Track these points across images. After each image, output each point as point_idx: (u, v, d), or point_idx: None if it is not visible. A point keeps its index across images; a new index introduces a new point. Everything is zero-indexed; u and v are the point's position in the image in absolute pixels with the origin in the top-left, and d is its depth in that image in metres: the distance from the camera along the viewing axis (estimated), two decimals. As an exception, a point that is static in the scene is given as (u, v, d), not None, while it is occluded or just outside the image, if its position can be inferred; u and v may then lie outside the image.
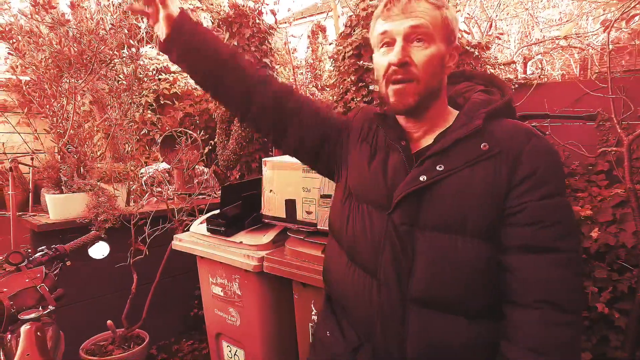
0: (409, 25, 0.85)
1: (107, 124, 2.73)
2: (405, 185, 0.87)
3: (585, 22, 3.46)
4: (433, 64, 0.86)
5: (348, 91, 2.60)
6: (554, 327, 0.77)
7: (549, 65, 3.34)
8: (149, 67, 3.80)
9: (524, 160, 0.82)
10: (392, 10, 0.87)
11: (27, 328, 1.14)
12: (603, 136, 2.07)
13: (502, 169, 0.82)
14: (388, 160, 0.95)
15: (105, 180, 2.62)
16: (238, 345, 2.02)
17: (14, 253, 1.37)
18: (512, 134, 0.85)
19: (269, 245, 1.83)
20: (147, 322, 2.50)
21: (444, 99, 0.95)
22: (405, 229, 0.87)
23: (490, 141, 0.84)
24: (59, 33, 2.07)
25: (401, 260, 0.87)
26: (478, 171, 0.83)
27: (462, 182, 0.84)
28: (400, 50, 0.85)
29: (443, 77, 0.92)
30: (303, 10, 7.17)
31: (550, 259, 0.79)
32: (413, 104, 0.88)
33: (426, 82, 0.87)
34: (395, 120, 0.99)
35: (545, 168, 0.82)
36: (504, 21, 3.96)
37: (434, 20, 0.85)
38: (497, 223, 0.83)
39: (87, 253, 1.72)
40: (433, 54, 0.86)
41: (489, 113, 0.87)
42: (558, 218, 0.80)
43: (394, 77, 0.87)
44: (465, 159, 0.84)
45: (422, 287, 0.85)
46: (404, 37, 0.85)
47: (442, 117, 0.94)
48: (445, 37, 0.88)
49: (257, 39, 3.13)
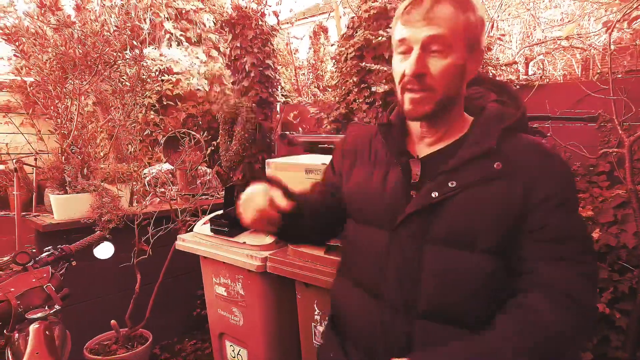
0: (428, 35, 0.81)
1: (111, 124, 2.75)
2: (418, 200, 0.87)
3: (587, 22, 3.46)
4: (451, 74, 0.84)
5: (350, 92, 2.61)
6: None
7: (550, 65, 3.34)
8: (152, 68, 3.82)
9: (542, 181, 0.82)
10: (412, 14, 0.83)
11: (36, 327, 1.16)
12: (604, 137, 2.08)
13: (516, 188, 0.82)
14: (388, 176, 0.95)
15: (108, 181, 2.65)
16: (241, 345, 2.03)
17: (21, 253, 1.39)
18: (526, 153, 0.85)
19: (272, 245, 1.84)
20: (151, 322, 2.51)
21: (461, 105, 0.94)
22: (413, 242, 0.87)
23: (503, 160, 0.84)
24: (63, 35, 2.09)
25: (406, 274, 0.87)
26: (490, 189, 0.83)
27: (473, 200, 0.83)
28: (415, 61, 0.82)
29: (463, 85, 0.90)
30: (305, 10, 7.19)
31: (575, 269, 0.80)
32: (429, 111, 0.86)
33: (443, 92, 0.85)
34: (400, 133, 0.98)
35: (566, 186, 0.84)
36: (505, 21, 3.97)
37: (455, 28, 0.81)
38: (508, 239, 0.83)
39: (91, 253, 1.74)
40: (451, 64, 0.83)
41: (503, 131, 0.87)
42: (579, 235, 0.83)
43: (409, 87, 0.86)
44: (477, 176, 0.84)
45: (429, 300, 0.85)
46: (421, 47, 0.82)
47: (458, 124, 0.93)
48: (468, 44, 0.84)
49: (260, 40, 3.14)
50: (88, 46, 2.16)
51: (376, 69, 2.40)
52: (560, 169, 0.84)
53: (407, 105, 0.87)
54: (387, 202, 0.92)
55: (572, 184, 0.87)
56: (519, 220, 0.82)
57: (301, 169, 1.70)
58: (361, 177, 1.01)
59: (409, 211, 0.87)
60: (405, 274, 0.88)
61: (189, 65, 4.20)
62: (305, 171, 1.69)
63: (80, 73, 2.27)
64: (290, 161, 1.78)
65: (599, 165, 2.06)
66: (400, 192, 0.91)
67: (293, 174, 1.74)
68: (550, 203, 0.81)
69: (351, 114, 2.66)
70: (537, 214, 0.81)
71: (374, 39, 2.43)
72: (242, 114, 3.03)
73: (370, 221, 0.96)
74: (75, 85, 2.32)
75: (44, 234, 2.36)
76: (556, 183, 0.82)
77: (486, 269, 0.83)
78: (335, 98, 2.75)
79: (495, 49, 3.04)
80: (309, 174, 1.68)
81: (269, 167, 1.82)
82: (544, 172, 0.83)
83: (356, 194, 1.01)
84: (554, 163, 0.84)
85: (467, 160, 0.85)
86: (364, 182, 0.99)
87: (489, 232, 0.82)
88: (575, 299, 0.77)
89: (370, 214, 0.96)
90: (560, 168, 0.84)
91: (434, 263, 0.85)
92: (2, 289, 1.28)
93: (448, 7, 0.81)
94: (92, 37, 2.15)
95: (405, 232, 0.88)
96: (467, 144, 0.88)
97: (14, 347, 1.22)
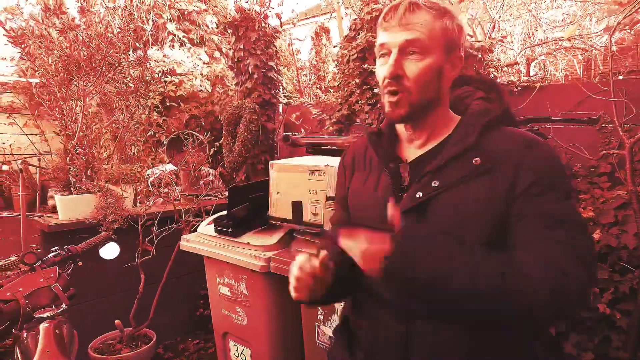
0: (404, 39, 0.86)
1: (115, 126, 2.78)
2: (405, 201, 0.90)
3: (589, 22, 3.47)
4: (427, 76, 0.87)
5: (352, 94, 2.63)
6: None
7: (552, 66, 3.35)
8: (155, 69, 3.84)
9: (526, 170, 0.82)
10: (390, 21, 0.88)
11: (46, 326, 1.18)
12: (605, 138, 2.09)
13: (498, 182, 0.83)
14: (379, 182, 0.98)
15: (112, 182, 2.67)
16: (245, 344, 2.05)
17: (28, 253, 1.41)
18: (508, 145, 0.86)
19: (275, 246, 1.86)
20: (154, 322, 2.53)
21: (445, 106, 0.96)
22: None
23: (483, 156, 0.85)
24: (69, 37, 2.11)
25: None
26: (473, 186, 0.84)
27: (457, 197, 0.85)
28: (392, 63, 0.87)
29: (441, 86, 0.92)
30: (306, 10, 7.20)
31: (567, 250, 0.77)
32: (404, 114, 0.90)
33: (418, 93, 0.88)
34: (390, 140, 1.01)
35: (549, 174, 0.83)
36: (507, 22, 3.97)
37: (431, 32, 0.86)
38: (497, 232, 0.83)
39: (95, 253, 1.76)
40: (427, 65, 0.86)
41: (484, 126, 0.88)
42: (570, 218, 0.81)
43: (388, 89, 0.89)
44: (458, 175, 0.86)
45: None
46: (398, 50, 0.87)
47: (443, 124, 0.95)
48: (445, 47, 0.88)
49: (263, 42, 3.16)
50: (92, 48, 2.18)
51: (378, 70, 2.42)
52: (544, 155, 0.84)
53: (387, 107, 0.91)
54: (379, 207, 0.94)
55: (557, 169, 0.85)
56: (506, 212, 0.83)
57: (305, 170, 1.72)
58: (358, 184, 1.05)
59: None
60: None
61: (191, 67, 4.22)
62: (309, 172, 1.71)
63: (84, 75, 2.29)
64: (293, 162, 1.79)
65: (600, 167, 2.07)
66: (390, 197, 0.92)
67: (297, 175, 1.76)
68: (535, 189, 0.81)
69: (353, 115, 2.67)
70: (523, 201, 0.82)
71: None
72: (245, 116, 3.05)
73: (366, 226, 0.99)
74: (80, 86, 2.34)
75: (49, 234, 2.38)
76: (539, 169, 0.82)
77: None
78: (337, 99, 2.77)
79: (497, 50, 3.05)
80: (312, 175, 1.70)
81: (273, 169, 1.84)
82: (525, 160, 0.83)
83: (354, 200, 1.05)
84: (536, 150, 0.84)
85: (448, 159, 0.87)
86: (360, 188, 1.03)
87: (476, 228, 0.84)
88: (564, 272, 0.74)
89: (366, 219, 0.99)
90: (543, 154, 0.84)
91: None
92: (11, 289, 1.30)
93: (424, 14, 0.86)
94: (97, 39, 2.17)
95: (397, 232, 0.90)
96: (449, 143, 0.91)
97: (23, 345, 1.24)
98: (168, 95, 3.86)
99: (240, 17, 3.09)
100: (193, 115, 3.86)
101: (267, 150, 3.33)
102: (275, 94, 3.34)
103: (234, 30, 3.16)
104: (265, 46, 3.19)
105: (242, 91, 3.27)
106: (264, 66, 3.20)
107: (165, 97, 3.86)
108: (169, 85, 3.87)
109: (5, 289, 1.30)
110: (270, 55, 3.23)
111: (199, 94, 4.01)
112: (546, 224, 0.80)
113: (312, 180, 1.70)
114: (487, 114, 0.92)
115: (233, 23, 3.12)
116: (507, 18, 3.97)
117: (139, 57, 2.47)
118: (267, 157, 3.30)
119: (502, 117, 0.92)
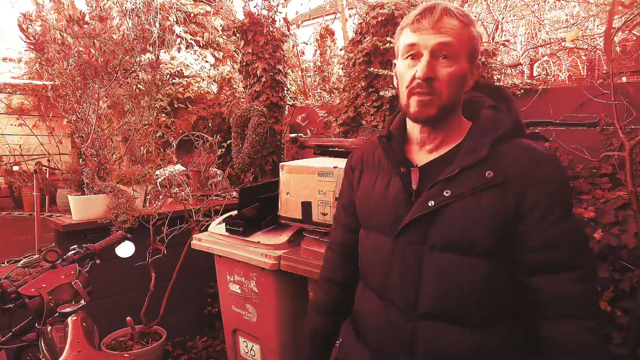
0: (438, 42, 0.87)
1: (126, 127, 2.84)
2: (415, 208, 0.92)
3: (592, 23, 3.48)
4: (456, 81, 0.89)
5: (358, 96, 2.68)
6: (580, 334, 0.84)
7: (555, 66, 3.38)
8: (164, 71, 3.90)
9: (532, 188, 0.86)
10: (422, 23, 0.88)
11: (74, 319, 1.24)
12: (606, 140, 2.13)
13: (508, 196, 0.86)
14: (389, 185, 1.01)
15: (124, 182, 2.73)
16: (254, 341, 2.11)
17: (50, 251, 1.47)
18: (518, 160, 0.88)
19: (285, 244, 1.92)
20: (164, 319, 2.59)
21: (459, 112, 0.99)
22: (414, 248, 0.93)
23: (495, 168, 0.87)
24: (87, 44, 2.17)
25: (408, 279, 0.93)
26: (484, 197, 0.87)
27: (468, 208, 0.88)
28: (426, 65, 0.87)
29: (462, 93, 0.95)
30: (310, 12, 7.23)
31: (567, 277, 0.84)
32: (432, 114, 0.91)
33: (447, 97, 0.90)
34: (399, 145, 1.03)
35: (554, 193, 0.86)
36: (510, 23, 4.00)
37: (461, 38, 0.88)
38: (505, 243, 0.87)
39: (109, 251, 1.81)
40: (457, 71, 0.89)
41: (495, 140, 0.91)
42: (571, 239, 0.86)
43: (418, 90, 0.90)
44: (470, 186, 0.88)
45: (430, 302, 0.91)
46: (430, 52, 0.87)
47: (456, 130, 0.98)
48: (470, 55, 0.91)
49: (271, 46, 3.22)
50: (108, 54, 2.25)
51: (384, 73, 2.47)
52: (551, 176, 0.87)
53: (414, 107, 0.92)
54: (389, 211, 0.98)
55: (563, 189, 0.88)
56: (512, 227, 0.87)
57: (314, 172, 1.77)
58: (367, 185, 1.07)
59: (407, 220, 0.93)
60: (407, 278, 0.94)
61: (198, 69, 4.28)
62: (318, 174, 1.75)
63: (100, 79, 2.35)
64: (303, 164, 1.84)
65: (601, 168, 2.11)
66: (401, 201, 0.96)
67: (306, 176, 1.80)
68: (539, 211, 0.85)
69: (359, 117, 2.73)
70: (526, 222, 0.86)
71: (381, 45, 2.50)
72: (253, 118, 3.11)
73: (376, 228, 1.03)
74: (94, 90, 2.41)
75: (63, 233, 2.45)
76: (544, 191, 0.86)
77: (484, 272, 0.88)
78: (343, 102, 2.82)
79: (500, 52, 3.09)
80: (321, 177, 1.75)
81: (283, 170, 1.89)
82: (532, 179, 0.86)
83: (363, 201, 1.08)
84: (543, 170, 0.87)
85: (460, 170, 0.90)
86: (370, 190, 1.06)
87: (485, 239, 0.87)
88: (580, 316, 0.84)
89: (375, 222, 1.03)
90: (550, 175, 0.87)
91: (433, 268, 0.91)
92: (35, 285, 1.36)
93: (455, 20, 0.88)
94: (114, 46, 2.23)
95: (406, 239, 0.94)
96: (461, 153, 0.93)
97: (48, 339, 1.29)
98: (176, 96, 3.93)
99: (249, 21, 3.15)
100: (201, 117, 3.92)
101: (275, 152, 3.39)
102: (282, 96, 3.40)
103: (242, 35, 3.22)
104: (273, 50, 3.25)
105: (250, 94, 3.33)
106: (271, 70, 3.26)
107: (173, 98, 3.93)
108: (177, 87, 3.93)
109: (30, 285, 1.36)
110: (278, 59, 3.29)
111: (207, 95, 4.07)
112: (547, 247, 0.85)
113: (322, 182, 1.75)
114: (497, 126, 0.94)
115: (242, 27, 3.18)
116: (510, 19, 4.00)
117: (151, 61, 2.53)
118: (274, 159, 3.36)
119: (513, 129, 0.95)
